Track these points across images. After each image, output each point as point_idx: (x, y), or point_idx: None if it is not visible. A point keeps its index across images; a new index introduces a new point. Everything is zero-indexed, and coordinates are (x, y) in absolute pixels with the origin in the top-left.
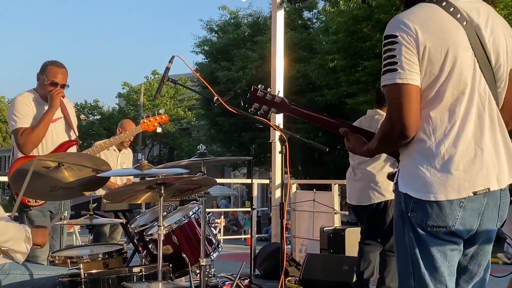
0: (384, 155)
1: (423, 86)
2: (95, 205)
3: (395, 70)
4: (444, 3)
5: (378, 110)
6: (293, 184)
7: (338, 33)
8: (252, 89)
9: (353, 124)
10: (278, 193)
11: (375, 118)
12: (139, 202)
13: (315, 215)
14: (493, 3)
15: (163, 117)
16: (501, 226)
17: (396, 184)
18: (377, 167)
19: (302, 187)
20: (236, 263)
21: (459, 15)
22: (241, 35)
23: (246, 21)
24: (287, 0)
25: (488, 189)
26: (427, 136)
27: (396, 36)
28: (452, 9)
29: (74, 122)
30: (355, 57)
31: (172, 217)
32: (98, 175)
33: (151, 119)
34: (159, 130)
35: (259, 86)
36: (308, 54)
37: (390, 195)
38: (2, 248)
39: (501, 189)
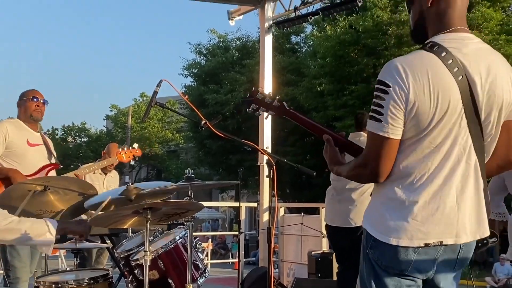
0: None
1: (404, 137)
2: None
3: (380, 121)
4: (443, 54)
5: (361, 132)
6: (281, 207)
7: (326, 58)
8: (253, 90)
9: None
10: (266, 216)
11: (359, 140)
12: (125, 227)
13: (303, 239)
14: (479, 28)
15: (137, 151)
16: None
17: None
18: (362, 191)
19: (290, 210)
20: (223, 287)
21: (456, 69)
22: (229, 58)
23: (234, 44)
24: (275, 25)
25: (441, 242)
26: (397, 182)
27: (389, 86)
28: (450, 61)
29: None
30: (342, 81)
31: (159, 242)
32: (86, 204)
33: (126, 152)
34: (132, 163)
35: (259, 88)
36: (296, 78)
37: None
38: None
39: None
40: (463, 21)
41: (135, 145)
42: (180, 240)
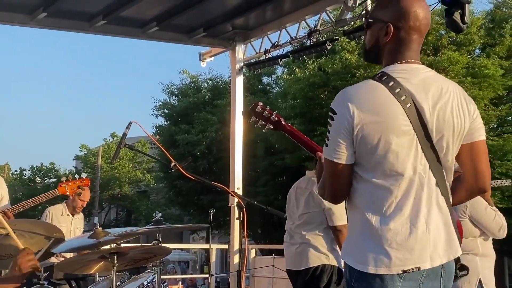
0: (318, 220)
1: (363, 164)
2: (46, 274)
3: (327, 145)
4: (391, 83)
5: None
6: (252, 249)
7: (296, 99)
8: (253, 104)
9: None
10: (236, 258)
11: (311, 180)
12: (91, 272)
13: (275, 281)
14: (445, 71)
15: (84, 180)
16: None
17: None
18: (311, 230)
19: (262, 251)
20: None
21: (404, 97)
22: (201, 99)
23: (206, 85)
24: (246, 66)
25: (419, 268)
26: (368, 211)
27: (335, 113)
28: (398, 90)
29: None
30: (312, 122)
31: (126, 287)
32: (53, 250)
33: (70, 183)
34: (78, 194)
35: (259, 103)
36: None
37: (325, 260)
38: None
39: (441, 264)
40: (416, 54)
41: (83, 175)
42: (148, 285)
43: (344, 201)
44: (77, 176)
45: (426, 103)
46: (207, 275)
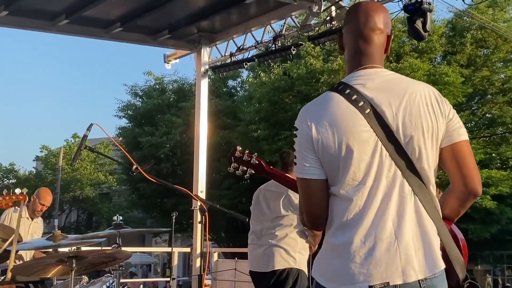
0: (291, 223)
1: (329, 177)
2: (3, 277)
3: (296, 163)
4: (348, 91)
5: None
6: (215, 252)
7: (261, 103)
8: (232, 149)
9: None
10: (199, 262)
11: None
12: (49, 275)
13: (237, 285)
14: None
15: (20, 196)
16: None
17: None
18: (284, 233)
19: (225, 255)
20: None
21: (361, 103)
22: (165, 101)
23: (171, 87)
24: (211, 69)
25: (387, 283)
26: (333, 225)
27: (297, 130)
28: (354, 96)
29: None
30: (277, 126)
31: None
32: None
33: (7, 198)
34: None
35: (238, 147)
36: (232, 121)
37: (293, 263)
38: None
39: (419, 280)
40: (373, 59)
41: (17, 190)
42: None
43: None
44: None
45: (387, 106)
46: (169, 279)
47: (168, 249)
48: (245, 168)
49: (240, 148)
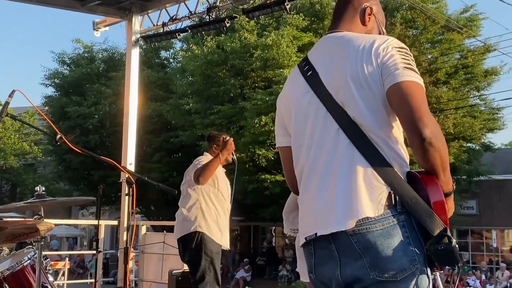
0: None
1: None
2: None
3: None
4: (303, 62)
5: (206, 153)
6: (143, 225)
7: (194, 76)
8: None
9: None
10: (126, 235)
11: (194, 163)
12: None
13: (165, 258)
14: None
15: None
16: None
17: None
18: (191, 203)
19: (154, 228)
20: None
21: (306, 67)
22: (95, 70)
23: (101, 55)
24: (142, 39)
25: (315, 234)
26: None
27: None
28: (304, 63)
29: None
30: (209, 100)
31: (5, 263)
32: None
33: None
34: None
35: None
36: (165, 94)
37: (191, 229)
38: None
39: (347, 234)
40: (334, 24)
41: None
42: (28, 262)
43: None
44: None
45: (321, 65)
46: (95, 252)
47: (95, 222)
48: None
49: None
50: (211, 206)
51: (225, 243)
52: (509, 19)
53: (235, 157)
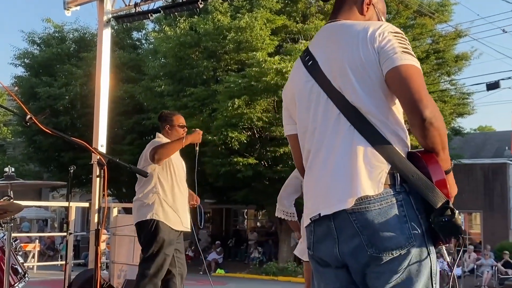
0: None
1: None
2: None
3: None
4: (305, 53)
5: (159, 134)
6: (115, 207)
7: (166, 58)
8: None
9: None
10: (97, 217)
11: (149, 146)
12: None
13: (136, 240)
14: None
15: None
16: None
17: None
18: (147, 188)
19: (126, 210)
20: None
21: (307, 58)
22: (65, 50)
23: (72, 35)
24: (114, 19)
25: (319, 214)
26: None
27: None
28: (305, 53)
29: None
30: (182, 82)
31: None
32: None
33: None
34: None
35: None
36: (137, 75)
37: (147, 216)
38: None
39: (347, 212)
40: (335, 14)
41: None
42: None
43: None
44: None
45: (321, 53)
46: (64, 234)
47: (65, 204)
48: None
49: None
50: (168, 191)
51: (186, 225)
52: (480, 4)
53: (197, 149)
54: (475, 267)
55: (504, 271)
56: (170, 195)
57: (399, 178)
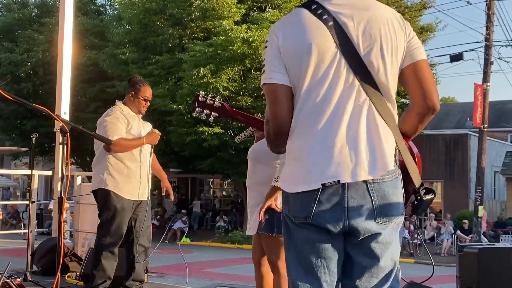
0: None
1: (293, 86)
2: None
3: (264, 72)
4: (314, 6)
5: (118, 101)
6: (78, 176)
7: (131, 24)
8: (195, 95)
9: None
10: (60, 185)
11: (102, 121)
12: None
13: None
14: (279, 8)
15: None
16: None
17: None
18: (100, 157)
19: (90, 179)
20: (14, 258)
21: (325, 16)
22: (27, 15)
23: (33, 0)
24: None
25: (338, 181)
26: (291, 134)
27: (267, 41)
28: (320, 11)
29: None
30: (147, 50)
31: None
32: None
33: None
34: None
35: (201, 92)
36: (100, 42)
37: (99, 185)
38: None
39: (367, 182)
40: None
41: None
42: None
43: None
44: None
45: (349, 19)
46: (27, 202)
47: (28, 172)
48: (209, 112)
49: (203, 92)
50: (122, 160)
51: (142, 196)
52: None
53: (152, 150)
54: (435, 234)
55: (464, 238)
56: (123, 165)
57: (398, 154)
